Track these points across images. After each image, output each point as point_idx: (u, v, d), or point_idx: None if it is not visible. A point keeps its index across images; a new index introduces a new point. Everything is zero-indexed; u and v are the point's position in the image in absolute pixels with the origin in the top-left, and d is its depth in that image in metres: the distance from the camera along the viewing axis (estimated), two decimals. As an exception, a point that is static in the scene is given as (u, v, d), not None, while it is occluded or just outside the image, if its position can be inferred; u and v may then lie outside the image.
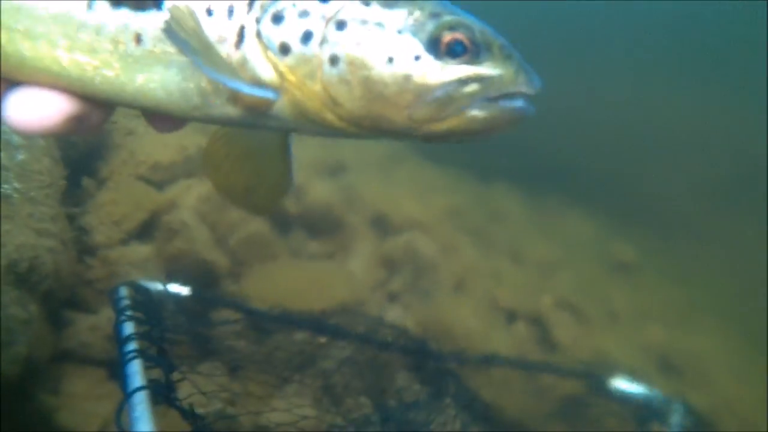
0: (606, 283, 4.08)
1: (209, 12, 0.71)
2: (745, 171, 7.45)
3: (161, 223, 2.55)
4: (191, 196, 2.75)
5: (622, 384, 2.20)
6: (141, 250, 2.40)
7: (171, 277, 2.21)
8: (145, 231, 2.54)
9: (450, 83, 0.70)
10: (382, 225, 3.30)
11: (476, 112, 0.72)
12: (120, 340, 1.44)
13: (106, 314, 2.10)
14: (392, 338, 2.45)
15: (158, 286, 1.88)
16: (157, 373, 1.41)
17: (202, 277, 2.52)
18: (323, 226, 3.12)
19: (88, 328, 2.00)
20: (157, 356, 1.48)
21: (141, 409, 1.23)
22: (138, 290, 1.74)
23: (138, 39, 0.71)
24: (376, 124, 0.74)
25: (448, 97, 0.71)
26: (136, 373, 1.34)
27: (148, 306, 1.72)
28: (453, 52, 0.71)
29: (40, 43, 0.70)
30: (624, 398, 2.20)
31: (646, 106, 8.84)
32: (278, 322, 2.38)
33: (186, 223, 2.55)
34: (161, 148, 2.91)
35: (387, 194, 3.49)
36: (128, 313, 1.56)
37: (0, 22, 0.69)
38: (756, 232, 6.06)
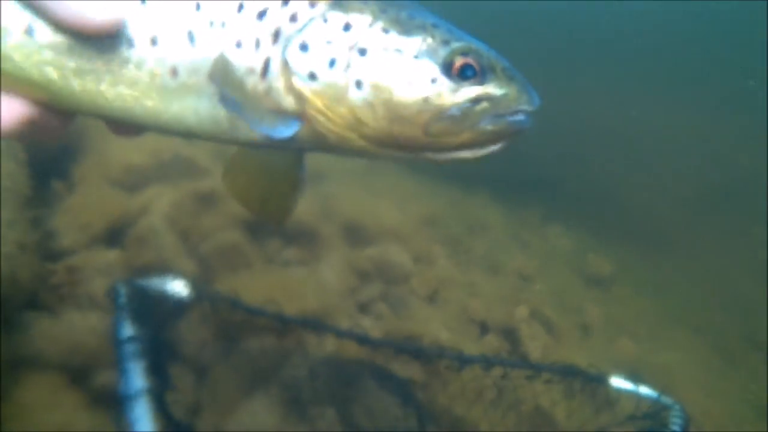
0: (580, 296, 4.12)
1: (238, 44, 0.78)
2: (724, 186, 7.58)
3: (130, 229, 2.52)
4: (163, 201, 2.73)
5: (621, 383, 2.19)
6: (107, 256, 2.37)
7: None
8: (114, 236, 2.51)
9: (464, 103, 0.79)
10: (357, 234, 3.30)
11: (486, 127, 0.80)
12: (118, 341, 1.45)
13: (68, 319, 2.08)
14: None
15: (157, 285, 1.88)
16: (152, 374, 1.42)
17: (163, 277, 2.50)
18: (298, 235, 3.12)
19: (48, 333, 1.97)
20: (155, 358, 1.48)
21: (141, 410, 1.25)
22: (136, 289, 1.74)
23: (174, 72, 0.77)
24: (396, 141, 0.81)
25: (463, 115, 0.79)
26: (137, 374, 1.34)
27: (147, 306, 1.73)
28: (464, 75, 0.79)
29: (87, 79, 0.76)
30: (623, 396, 2.19)
31: (629, 120, 8.96)
32: (272, 320, 2.37)
33: (155, 228, 2.53)
34: (135, 152, 2.89)
35: (364, 203, 3.49)
36: (127, 313, 1.56)
37: (53, 61, 0.75)
38: (731, 247, 6.17)
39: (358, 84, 0.77)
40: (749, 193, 7.29)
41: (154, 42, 0.75)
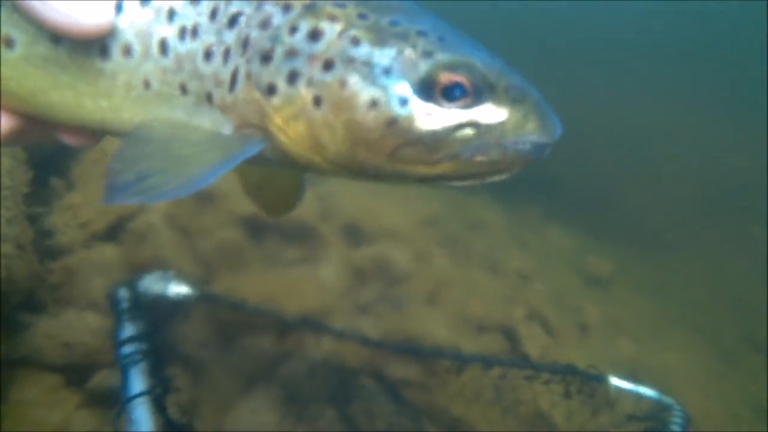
0: (580, 296, 4.11)
1: (209, 55, 0.71)
2: (724, 187, 7.58)
3: (129, 227, 2.52)
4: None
5: (621, 383, 2.19)
6: (106, 254, 2.36)
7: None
8: (113, 234, 2.51)
9: (439, 129, 0.66)
10: (356, 234, 3.30)
11: (471, 158, 0.68)
12: (118, 342, 1.45)
13: (66, 318, 2.07)
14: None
15: (157, 286, 1.88)
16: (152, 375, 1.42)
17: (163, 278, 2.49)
18: (297, 234, 3.11)
19: (45, 332, 1.96)
20: (156, 359, 1.48)
21: (141, 411, 1.25)
22: (137, 291, 1.74)
23: (147, 84, 0.73)
24: (362, 168, 0.71)
25: (438, 143, 0.66)
26: (137, 376, 1.34)
27: (147, 307, 1.73)
28: (450, 95, 0.66)
29: (66, 91, 0.73)
30: (622, 397, 2.19)
31: (629, 120, 8.96)
32: (271, 320, 2.38)
33: (154, 226, 2.52)
34: (134, 150, 2.87)
35: (363, 203, 3.48)
36: (128, 315, 1.56)
37: (32, 73, 0.73)
38: (730, 247, 6.16)
39: (318, 101, 0.68)
40: (749, 194, 7.29)
41: (128, 53, 0.72)
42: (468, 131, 0.67)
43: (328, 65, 0.68)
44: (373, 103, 0.66)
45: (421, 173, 0.70)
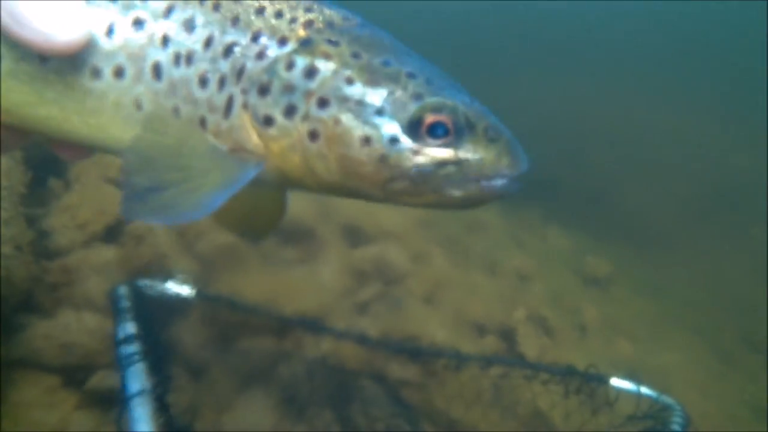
0: (578, 297, 4.11)
1: (203, 82, 0.74)
2: (723, 187, 7.58)
3: (127, 228, 2.51)
4: (160, 200, 2.72)
5: (621, 383, 2.19)
6: (104, 255, 2.36)
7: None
8: (111, 235, 2.51)
9: (425, 166, 0.72)
10: (355, 234, 3.30)
11: (453, 192, 0.73)
12: (119, 342, 1.46)
13: (64, 319, 2.07)
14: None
15: (158, 286, 1.89)
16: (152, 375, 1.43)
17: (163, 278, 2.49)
18: (295, 235, 3.11)
19: (43, 333, 1.96)
20: (156, 359, 1.49)
21: (141, 411, 1.26)
22: (137, 290, 1.74)
23: (138, 105, 0.75)
24: (353, 194, 0.78)
25: (424, 178, 0.73)
26: (138, 375, 1.36)
27: (147, 307, 1.74)
28: (434, 133, 0.72)
29: (52, 108, 0.75)
30: (622, 397, 2.19)
31: (629, 121, 8.96)
32: (270, 320, 2.38)
33: (152, 227, 2.52)
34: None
35: (361, 203, 3.49)
36: (128, 314, 1.57)
37: (19, 88, 0.74)
38: (729, 248, 6.17)
39: (313, 135, 0.72)
40: (748, 194, 7.29)
41: (119, 74, 0.73)
42: (451, 168, 0.73)
43: (323, 102, 0.72)
44: (366, 140, 0.72)
45: (406, 202, 0.77)
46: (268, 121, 0.74)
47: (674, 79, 11.64)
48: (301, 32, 0.74)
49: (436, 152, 0.72)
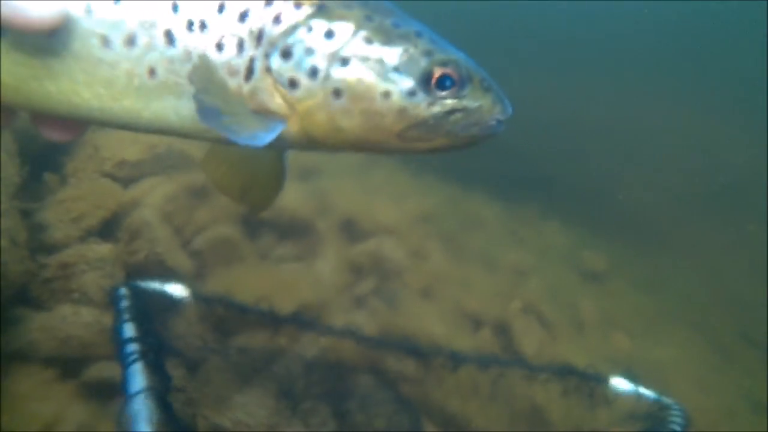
0: (576, 292, 4.11)
1: (220, 46, 0.77)
2: (721, 183, 7.59)
3: (123, 222, 2.51)
4: (156, 195, 2.72)
5: (621, 383, 2.19)
6: (100, 249, 2.35)
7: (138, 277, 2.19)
8: (107, 229, 2.50)
9: (438, 114, 0.81)
10: (352, 229, 3.30)
11: (459, 135, 0.83)
12: (120, 341, 1.46)
13: (60, 312, 2.07)
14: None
15: (156, 286, 1.90)
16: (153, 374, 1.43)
17: (163, 278, 2.49)
18: (292, 230, 3.11)
19: (39, 326, 1.96)
20: (157, 359, 1.49)
21: (142, 410, 1.27)
22: (137, 291, 1.75)
23: (152, 72, 0.76)
24: (371, 144, 0.84)
25: (437, 124, 0.81)
26: (139, 375, 1.37)
27: (147, 306, 1.74)
28: (442, 85, 0.80)
29: (62, 82, 0.75)
30: (623, 397, 2.19)
31: (626, 117, 8.97)
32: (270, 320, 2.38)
33: (149, 222, 2.52)
34: (129, 144, 2.87)
35: (359, 199, 3.49)
36: (128, 314, 1.58)
37: (24, 62, 0.73)
38: (727, 244, 6.18)
39: (337, 93, 0.78)
40: (746, 190, 7.30)
41: (130, 42, 0.74)
42: (458, 115, 0.82)
43: (344, 62, 0.78)
44: (386, 95, 0.79)
45: (420, 147, 0.85)
46: (293, 83, 0.78)
47: (674, 78, 11.63)
48: None
49: (445, 103, 0.81)
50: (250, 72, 0.78)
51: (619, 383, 2.21)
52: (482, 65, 0.85)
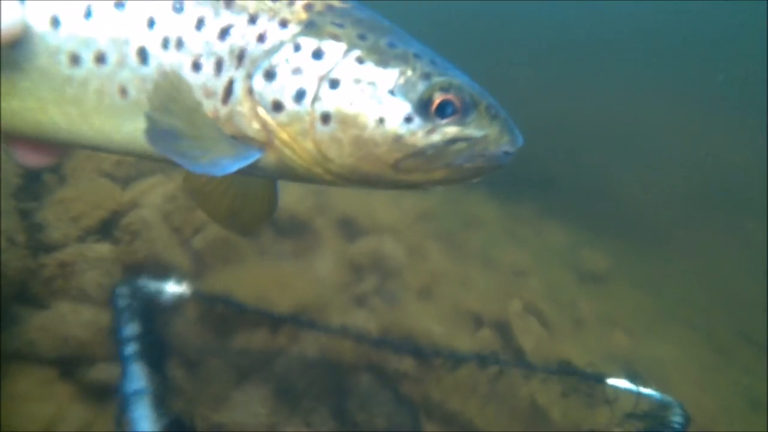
0: (575, 291, 4.12)
1: (197, 66, 0.70)
2: (720, 183, 7.59)
3: (122, 222, 2.51)
4: (155, 194, 2.71)
5: (620, 383, 2.19)
6: (99, 249, 2.35)
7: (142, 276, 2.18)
8: (105, 229, 2.50)
9: (438, 143, 0.73)
10: (351, 228, 3.30)
11: (461, 166, 0.76)
12: (120, 341, 1.46)
13: (59, 312, 2.07)
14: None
15: (156, 285, 1.89)
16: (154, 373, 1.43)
17: (162, 277, 2.49)
18: (291, 229, 3.11)
19: (39, 325, 1.96)
20: (156, 358, 1.49)
21: (142, 410, 1.25)
22: (136, 290, 1.74)
23: (123, 91, 0.71)
24: (363, 178, 0.76)
25: (437, 155, 0.74)
26: (138, 374, 1.35)
27: (146, 306, 1.74)
28: (443, 112, 0.73)
29: (27, 99, 0.71)
30: (622, 396, 2.19)
31: (625, 117, 8.97)
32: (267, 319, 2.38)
33: (147, 221, 2.51)
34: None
35: (358, 198, 3.48)
36: (128, 313, 1.57)
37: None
38: (726, 243, 6.18)
39: (326, 118, 0.71)
40: (745, 190, 7.31)
41: (100, 60, 0.70)
42: (461, 144, 0.74)
43: (334, 84, 0.71)
44: (380, 121, 0.71)
45: (417, 180, 0.76)
46: (277, 106, 0.71)
47: (673, 77, 11.64)
48: (303, 14, 0.72)
49: (446, 130, 0.74)
50: (228, 93, 0.71)
51: (619, 382, 2.21)
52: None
